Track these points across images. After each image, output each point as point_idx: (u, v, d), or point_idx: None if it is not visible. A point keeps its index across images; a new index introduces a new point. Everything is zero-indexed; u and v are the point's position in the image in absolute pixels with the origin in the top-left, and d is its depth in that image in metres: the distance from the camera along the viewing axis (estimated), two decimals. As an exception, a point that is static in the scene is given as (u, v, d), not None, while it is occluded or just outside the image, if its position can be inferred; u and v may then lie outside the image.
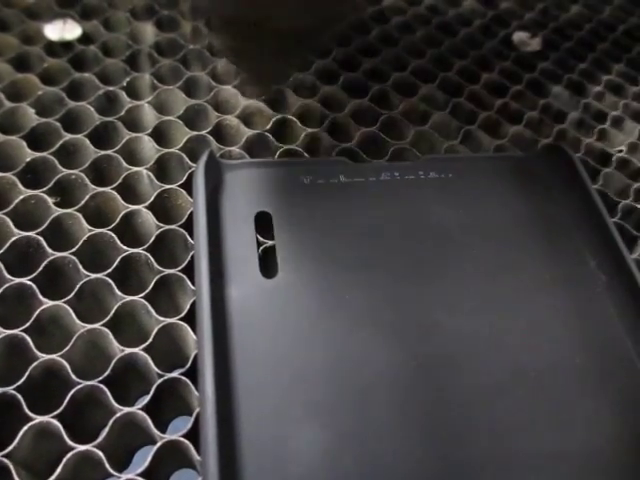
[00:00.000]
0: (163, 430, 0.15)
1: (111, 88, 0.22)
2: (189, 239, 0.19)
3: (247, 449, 0.14)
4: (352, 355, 0.16)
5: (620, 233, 0.20)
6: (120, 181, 0.20)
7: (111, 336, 0.16)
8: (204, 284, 0.16)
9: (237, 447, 0.14)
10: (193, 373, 0.16)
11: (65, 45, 0.24)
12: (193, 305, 0.17)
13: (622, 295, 0.19)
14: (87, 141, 0.21)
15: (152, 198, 0.19)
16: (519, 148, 0.23)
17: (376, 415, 0.16)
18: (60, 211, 0.19)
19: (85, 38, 0.24)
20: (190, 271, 0.18)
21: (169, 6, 0.26)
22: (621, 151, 0.24)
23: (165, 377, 0.16)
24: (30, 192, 0.19)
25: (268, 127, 0.22)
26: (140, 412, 0.15)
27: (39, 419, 0.15)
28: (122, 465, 0.17)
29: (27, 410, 0.15)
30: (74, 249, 0.18)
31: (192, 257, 0.18)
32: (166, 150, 0.21)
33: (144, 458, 0.15)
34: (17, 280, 0.17)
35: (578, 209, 0.20)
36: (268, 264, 0.18)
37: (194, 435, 0.15)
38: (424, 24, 0.28)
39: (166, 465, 0.16)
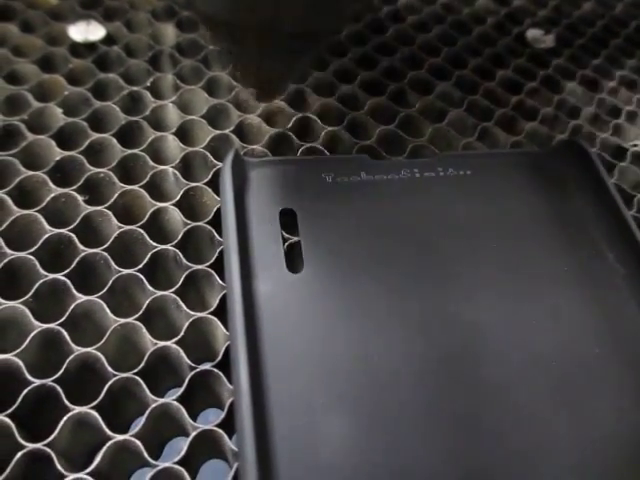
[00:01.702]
0: (194, 420, 0.16)
1: (135, 88, 0.23)
2: (216, 235, 0.19)
3: (280, 438, 0.15)
4: (376, 347, 0.17)
5: (638, 226, 0.20)
6: (147, 179, 0.20)
7: (144, 330, 0.17)
8: (235, 279, 0.17)
9: (271, 436, 0.15)
10: (224, 365, 0.16)
11: (89, 46, 0.24)
12: (222, 300, 0.18)
13: (640, 287, 0.19)
14: (114, 140, 0.21)
15: (178, 196, 0.20)
16: (535, 144, 0.24)
17: (401, 405, 0.16)
18: (90, 209, 0.19)
19: (108, 39, 0.24)
20: (217, 267, 0.18)
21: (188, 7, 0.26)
22: (636, 145, 0.24)
23: (197, 369, 0.16)
24: (60, 190, 0.20)
25: (289, 126, 0.22)
26: (175, 403, 0.16)
27: (78, 409, 0.15)
28: (155, 454, 0.17)
29: (66, 401, 0.15)
30: (105, 246, 0.18)
31: (220, 253, 0.19)
32: (190, 149, 0.21)
33: (176, 448, 0.16)
34: (51, 276, 0.18)
35: (595, 203, 0.21)
36: (293, 259, 0.18)
37: (226, 425, 0.16)
38: (439, 22, 0.28)
39: (197, 455, 0.17)
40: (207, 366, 0.17)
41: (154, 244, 0.19)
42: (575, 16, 0.30)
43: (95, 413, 0.15)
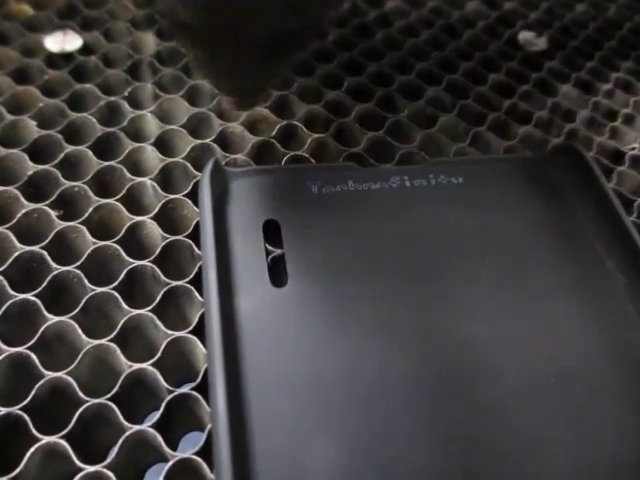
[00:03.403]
0: (174, 447, 0.15)
1: (113, 98, 0.22)
2: (196, 249, 0.18)
3: (261, 465, 0.14)
4: (365, 364, 0.16)
5: (638, 232, 0.19)
6: (124, 192, 0.19)
7: (118, 351, 0.16)
8: (213, 295, 0.16)
9: (251, 464, 0.14)
10: (204, 387, 0.15)
11: (66, 56, 0.23)
12: (202, 317, 0.17)
13: (643, 296, 0.18)
14: (90, 152, 0.20)
15: (157, 209, 0.19)
16: (529, 148, 0.23)
17: (392, 426, 0.15)
18: (64, 224, 0.18)
19: (86, 49, 0.24)
20: (198, 283, 0.17)
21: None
22: (634, 149, 0.23)
23: (175, 392, 0.15)
24: (33, 205, 0.19)
25: (274, 134, 0.22)
26: (150, 430, 0.15)
27: (46, 439, 0.14)
28: (133, 485, 0.16)
29: (34, 431, 0.14)
30: (79, 263, 0.17)
31: (199, 268, 0.18)
32: (170, 159, 0.20)
33: (155, 477, 0.15)
34: (21, 296, 0.17)
35: (594, 209, 0.20)
36: (277, 273, 0.17)
37: (206, 452, 0.15)
38: (428, 27, 0.28)
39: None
40: (186, 389, 0.16)
41: (130, 260, 0.18)
42: (568, 18, 0.30)
43: (65, 443, 0.14)
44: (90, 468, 0.14)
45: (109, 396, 0.15)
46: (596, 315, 0.18)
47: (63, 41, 0.23)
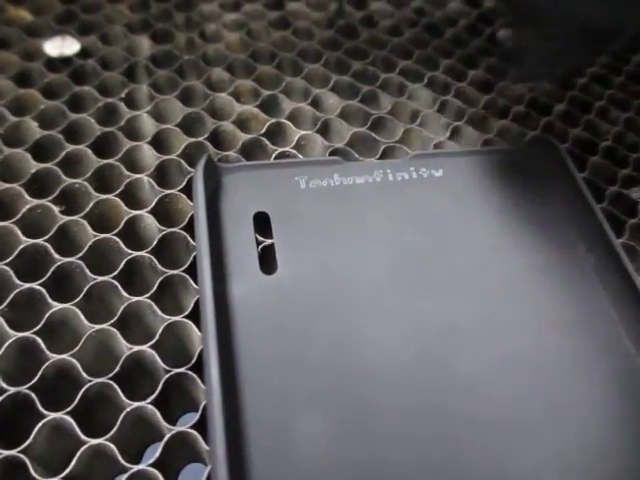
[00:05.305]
0: (174, 425, 0.16)
1: (110, 100, 0.23)
2: (190, 241, 0.19)
3: (254, 437, 0.15)
4: (351, 346, 0.17)
5: (610, 218, 0.20)
6: (122, 188, 0.20)
7: (119, 335, 0.17)
8: (207, 282, 0.17)
9: (244, 436, 0.15)
10: (199, 368, 0.17)
11: (64, 60, 0.24)
12: (196, 303, 0.18)
13: (611, 277, 0.19)
14: (89, 151, 0.21)
15: (153, 203, 0.20)
16: (507, 141, 0.24)
17: (378, 401, 0.16)
18: (66, 218, 0.19)
19: (84, 53, 0.25)
20: (192, 271, 0.18)
21: (164, 19, 0.27)
22: (607, 140, 0.25)
23: (172, 372, 0.17)
24: (36, 201, 0.20)
25: (263, 131, 0.23)
26: (149, 406, 0.16)
27: (53, 415, 0.16)
28: (134, 459, 0.17)
29: (41, 408, 0.16)
30: (80, 254, 0.19)
31: (194, 258, 0.19)
32: (165, 157, 0.21)
33: (154, 452, 0.16)
34: (27, 285, 0.18)
35: (566, 197, 0.21)
36: (267, 261, 0.19)
37: (202, 427, 0.16)
38: (411, 26, 0.29)
39: (176, 459, 0.17)
40: (182, 369, 0.17)
41: (129, 251, 0.19)
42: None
43: (70, 419, 0.16)
44: (94, 441, 0.15)
45: (110, 376, 0.16)
46: (568, 294, 0.19)
47: (62, 46, 0.25)
